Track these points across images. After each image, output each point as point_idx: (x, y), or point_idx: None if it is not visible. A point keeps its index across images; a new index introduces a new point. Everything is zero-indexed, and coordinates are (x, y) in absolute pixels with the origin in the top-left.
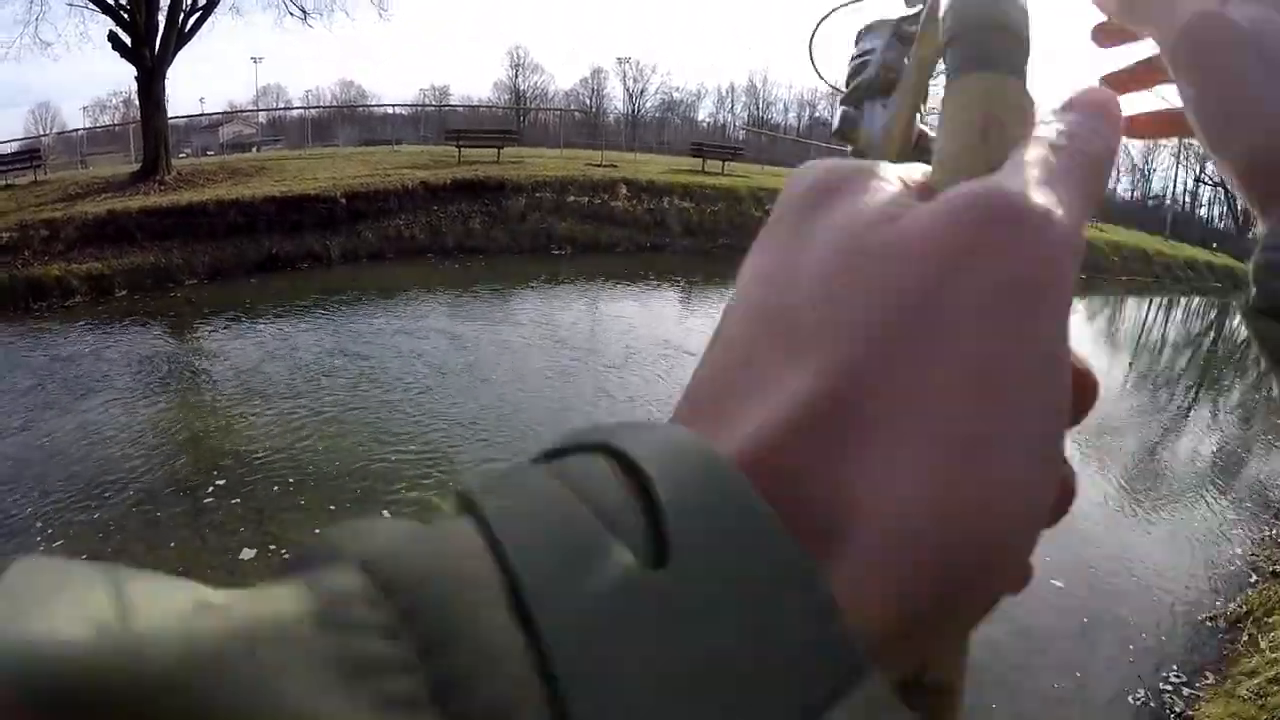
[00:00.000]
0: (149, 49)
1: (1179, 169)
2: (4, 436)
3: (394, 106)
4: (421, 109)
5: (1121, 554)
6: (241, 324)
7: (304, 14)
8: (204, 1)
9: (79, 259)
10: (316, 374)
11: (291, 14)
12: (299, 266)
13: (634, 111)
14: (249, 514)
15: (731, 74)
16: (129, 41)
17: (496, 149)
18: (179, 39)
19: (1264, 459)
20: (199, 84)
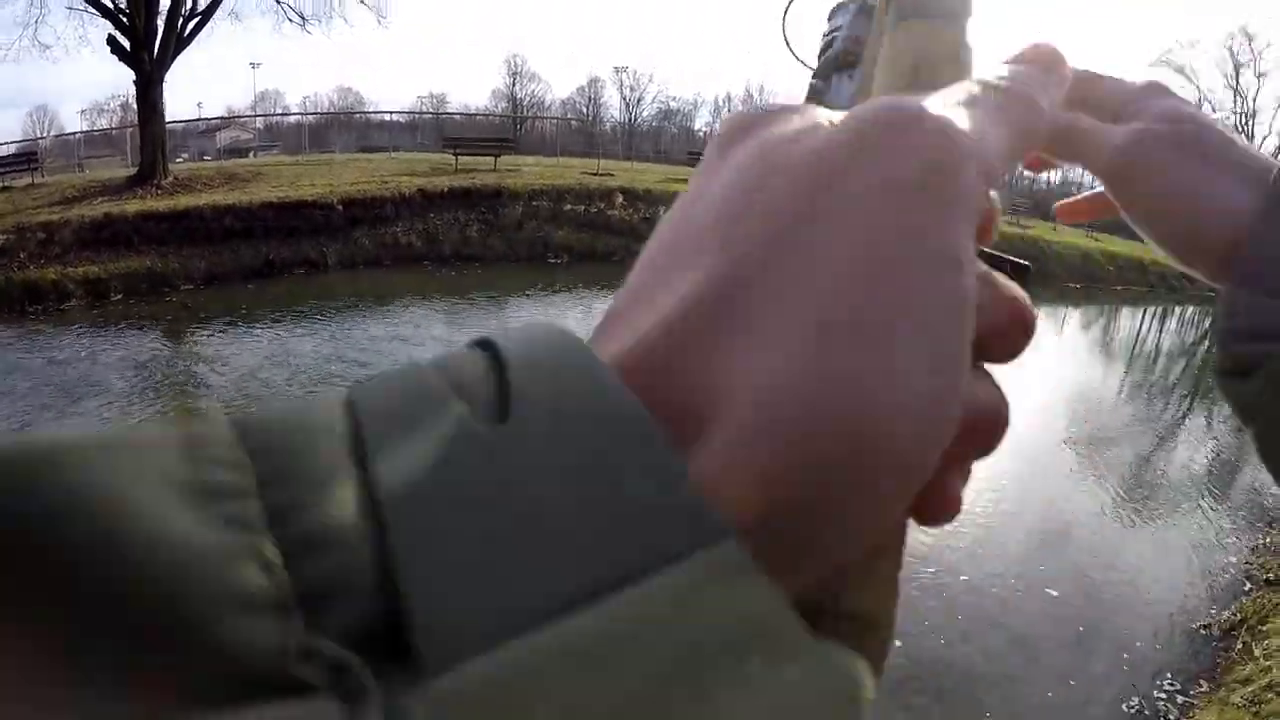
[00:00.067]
0: (148, 53)
1: None
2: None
3: (391, 113)
4: (419, 116)
5: (1117, 562)
6: (238, 329)
7: (302, 20)
8: (203, 6)
9: (75, 262)
10: (313, 380)
11: (290, 20)
12: (295, 273)
13: (631, 120)
14: None
15: (728, 83)
16: (128, 45)
17: (493, 157)
18: (178, 44)
19: (1258, 467)
20: (197, 89)
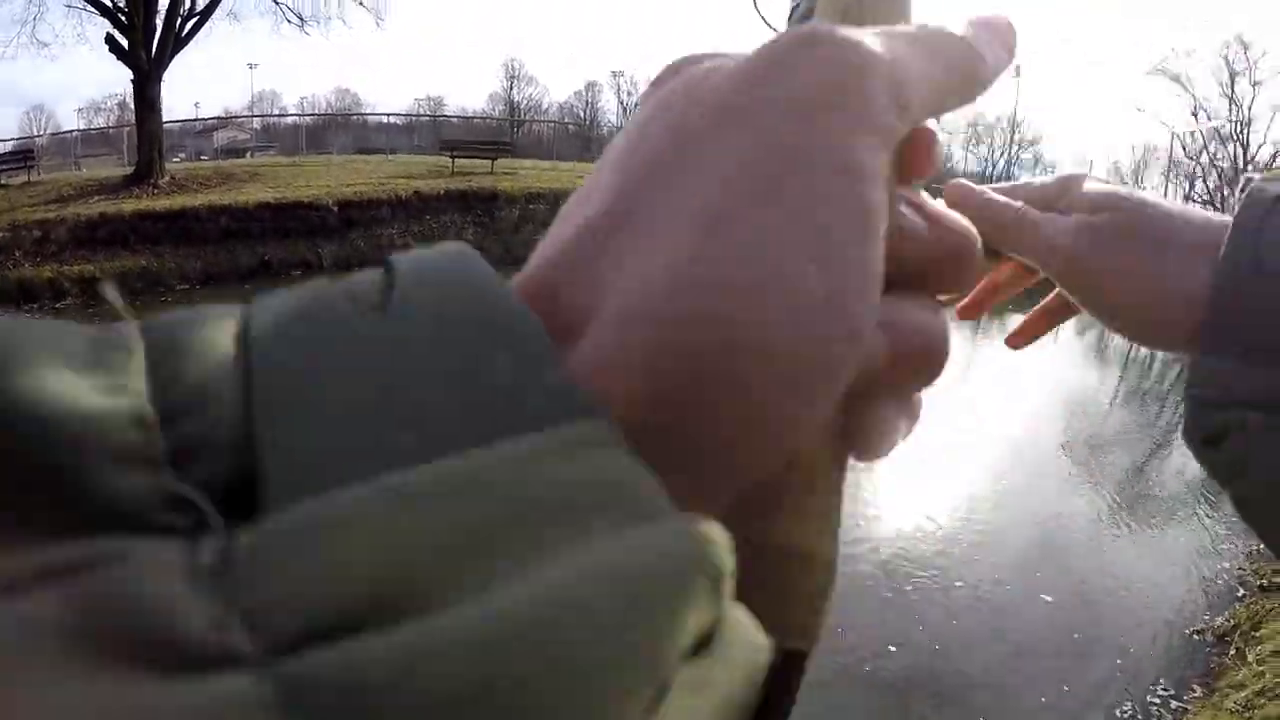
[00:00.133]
0: (145, 52)
1: (1169, 187)
2: None
3: (389, 115)
4: (416, 119)
5: (1112, 568)
6: None
7: (301, 21)
8: (202, 6)
9: (71, 261)
10: None
11: (289, 21)
12: (291, 274)
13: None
14: None
15: None
16: (126, 44)
17: (490, 160)
18: (176, 43)
19: None
20: (194, 89)
